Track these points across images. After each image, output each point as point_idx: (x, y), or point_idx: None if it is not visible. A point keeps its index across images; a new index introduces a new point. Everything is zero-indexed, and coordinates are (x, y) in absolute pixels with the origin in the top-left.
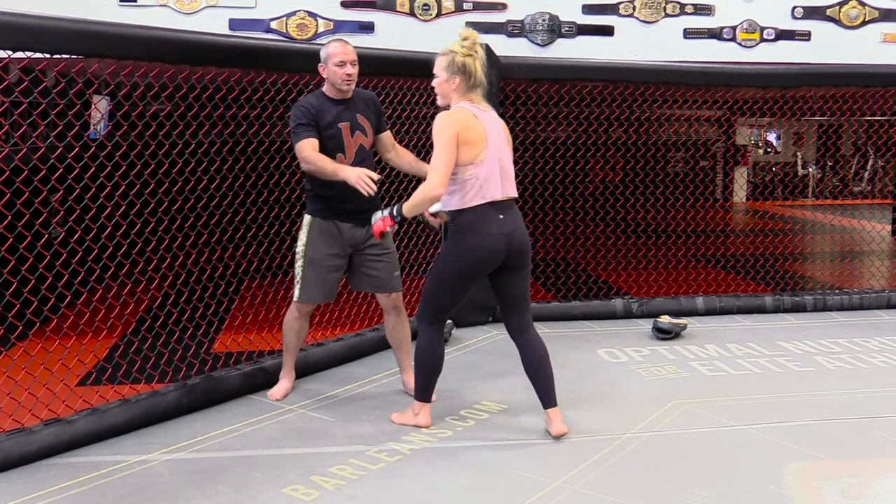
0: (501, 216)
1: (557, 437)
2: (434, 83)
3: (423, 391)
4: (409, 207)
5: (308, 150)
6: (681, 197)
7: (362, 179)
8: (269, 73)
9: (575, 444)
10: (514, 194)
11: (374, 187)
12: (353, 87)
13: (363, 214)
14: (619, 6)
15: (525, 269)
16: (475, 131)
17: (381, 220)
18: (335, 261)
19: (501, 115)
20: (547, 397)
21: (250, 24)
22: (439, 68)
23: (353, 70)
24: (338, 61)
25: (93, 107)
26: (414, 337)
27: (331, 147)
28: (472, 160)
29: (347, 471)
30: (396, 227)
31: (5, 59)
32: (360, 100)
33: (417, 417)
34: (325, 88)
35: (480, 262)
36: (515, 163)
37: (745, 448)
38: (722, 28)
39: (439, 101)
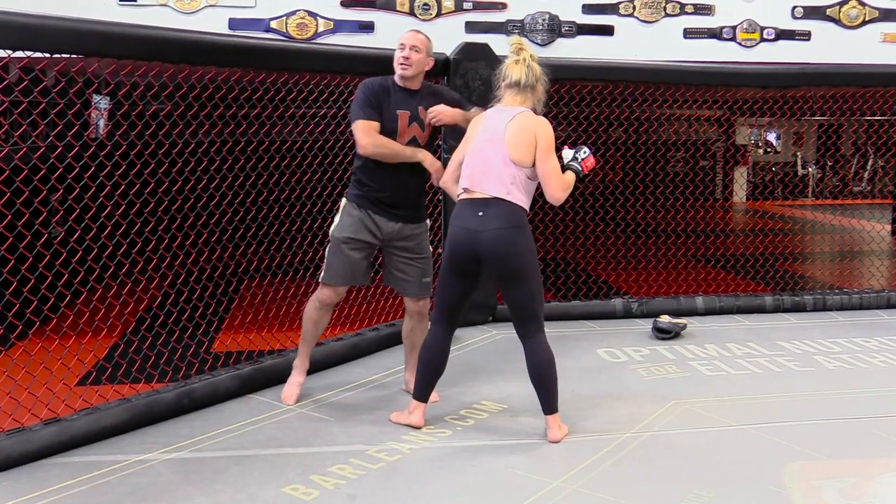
0: (481, 213)
1: (554, 444)
2: None
3: (421, 389)
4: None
5: (373, 134)
6: (681, 197)
7: (437, 171)
8: (269, 72)
9: (574, 444)
10: (493, 192)
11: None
12: (410, 72)
13: (397, 209)
14: (619, 6)
15: (511, 279)
16: (474, 129)
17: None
18: (361, 246)
19: None
20: (546, 404)
21: (250, 23)
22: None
23: (413, 55)
24: (398, 45)
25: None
26: None
27: (383, 131)
28: (465, 153)
29: (347, 470)
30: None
31: (5, 58)
32: (429, 94)
33: (411, 416)
34: (394, 76)
35: (451, 253)
36: None
37: (744, 448)
38: (722, 28)
39: None
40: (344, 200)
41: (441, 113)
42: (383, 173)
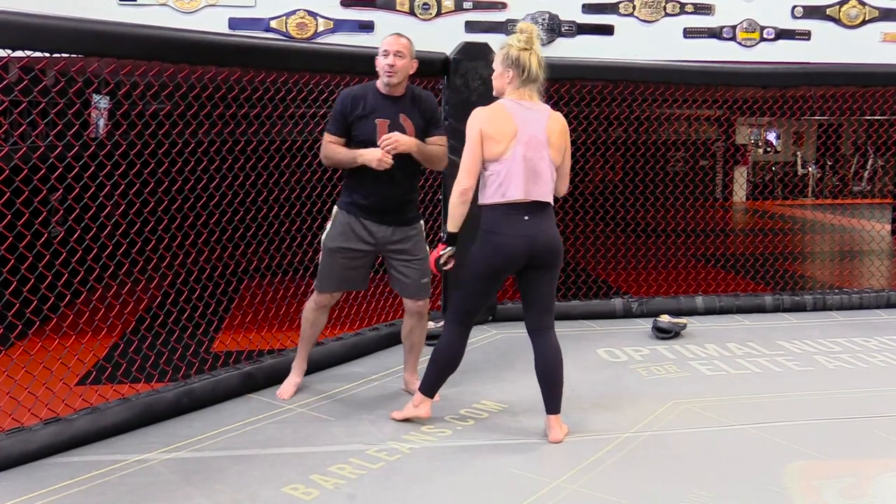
0: (527, 217)
1: (554, 444)
2: (493, 78)
3: (430, 386)
4: (449, 221)
5: (325, 146)
6: (681, 196)
7: (383, 160)
8: (268, 72)
9: (574, 444)
10: (544, 198)
11: (390, 162)
12: (396, 79)
13: (386, 214)
14: (619, 5)
15: (552, 270)
16: (502, 128)
17: (432, 253)
18: (353, 254)
19: None
20: (551, 403)
21: (250, 23)
22: (496, 63)
23: (397, 62)
24: (382, 51)
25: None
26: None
27: (360, 140)
28: (495, 157)
29: (347, 470)
30: (450, 248)
31: (5, 58)
32: (412, 100)
33: (417, 409)
34: (377, 81)
35: (500, 263)
36: None
37: (744, 447)
38: (722, 27)
39: (495, 96)
40: (336, 208)
41: (398, 143)
42: (368, 181)
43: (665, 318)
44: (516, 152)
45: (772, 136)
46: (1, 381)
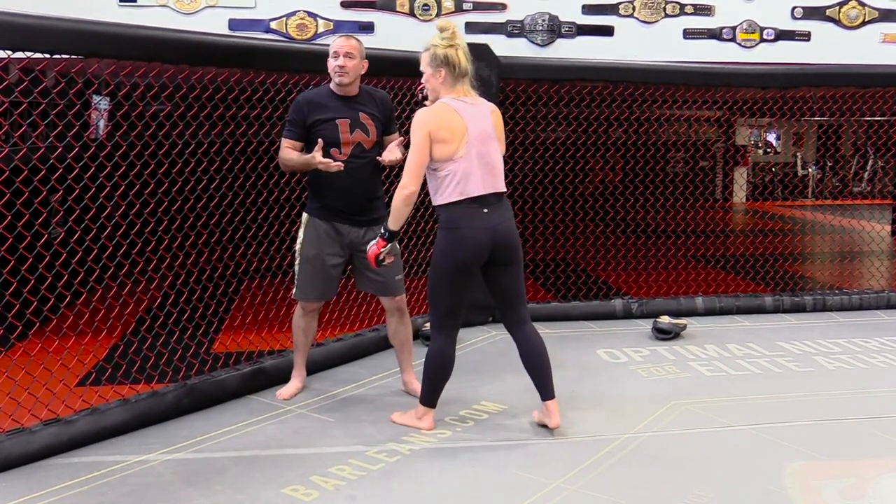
0: (485, 210)
1: (556, 430)
2: (423, 81)
3: (429, 396)
4: (391, 220)
5: (282, 150)
6: (680, 197)
7: (330, 164)
8: (268, 73)
9: (574, 445)
10: (500, 189)
11: (340, 166)
12: (347, 79)
13: (358, 215)
14: (619, 6)
15: (515, 265)
16: (451, 128)
17: (372, 245)
18: (332, 260)
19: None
20: (545, 389)
21: (250, 24)
22: (424, 65)
23: (347, 62)
24: (332, 52)
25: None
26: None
27: (326, 142)
28: (448, 157)
29: (347, 471)
30: (390, 244)
31: (5, 59)
32: (368, 98)
33: (420, 421)
34: (330, 83)
35: (466, 257)
36: (515, 162)
37: (744, 448)
38: (722, 28)
39: (430, 98)
40: (305, 216)
41: (398, 160)
42: (331, 184)
43: (665, 319)
44: (470, 149)
45: (772, 137)
46: (1, 382)
